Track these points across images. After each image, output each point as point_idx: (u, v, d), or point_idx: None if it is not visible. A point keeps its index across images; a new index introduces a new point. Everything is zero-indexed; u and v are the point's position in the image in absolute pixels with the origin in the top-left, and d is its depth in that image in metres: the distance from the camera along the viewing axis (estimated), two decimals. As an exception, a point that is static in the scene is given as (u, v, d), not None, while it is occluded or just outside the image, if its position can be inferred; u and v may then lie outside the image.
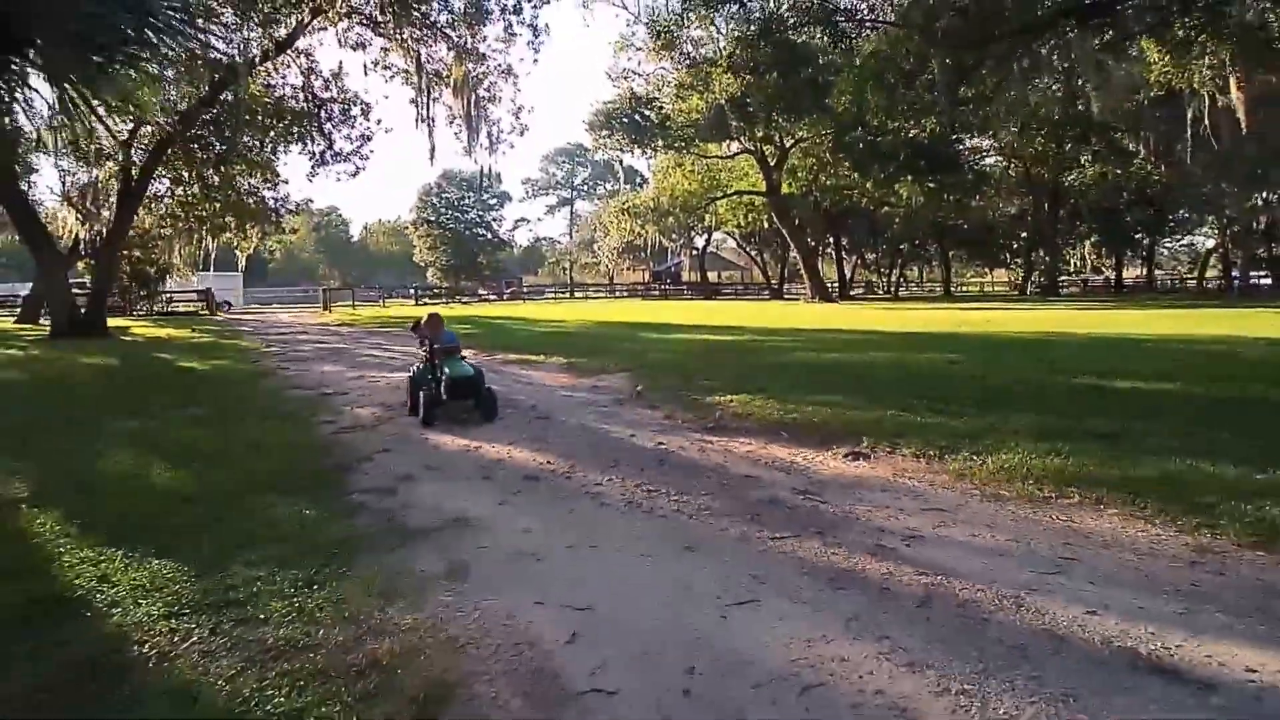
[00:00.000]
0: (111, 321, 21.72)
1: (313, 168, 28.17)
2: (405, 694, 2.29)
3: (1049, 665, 2.46)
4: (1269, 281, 44.12)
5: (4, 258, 49.53)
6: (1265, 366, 8.54)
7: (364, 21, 25.12)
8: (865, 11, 13.63)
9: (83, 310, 20.44)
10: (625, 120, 37.77)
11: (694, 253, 58.95)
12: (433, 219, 71.90)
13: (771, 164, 36.55)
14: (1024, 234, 45.58)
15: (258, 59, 22.71)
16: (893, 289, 48.53)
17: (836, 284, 44.78)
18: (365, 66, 26.60)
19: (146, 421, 7.00)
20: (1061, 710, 2.21)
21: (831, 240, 47.37)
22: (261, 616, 2.82)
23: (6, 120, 4.43)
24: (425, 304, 42.42)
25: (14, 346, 16.73)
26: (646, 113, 36.79)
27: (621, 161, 50.45)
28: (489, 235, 75.49)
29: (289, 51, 24.45)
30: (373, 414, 7.33)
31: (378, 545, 3.64)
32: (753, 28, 16.39)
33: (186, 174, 25.82)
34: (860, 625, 2.75)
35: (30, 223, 20.00)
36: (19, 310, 28.92)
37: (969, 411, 6.11)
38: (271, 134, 26.18)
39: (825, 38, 14.53)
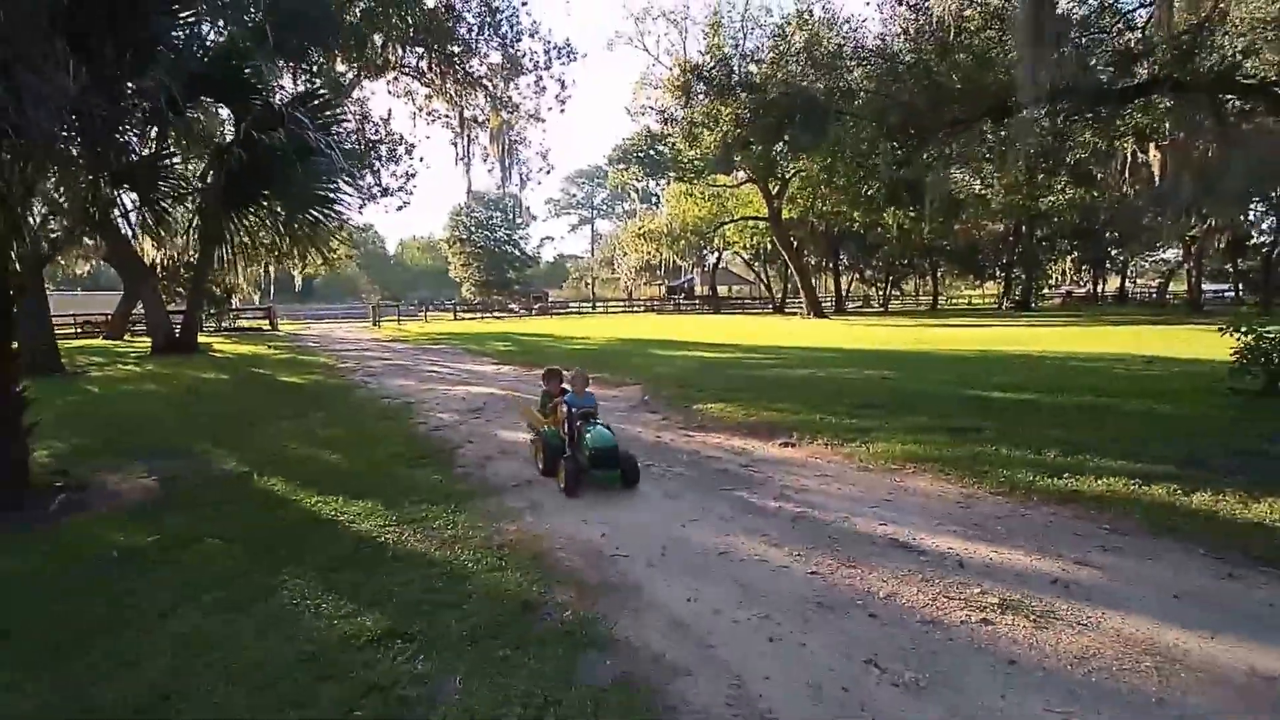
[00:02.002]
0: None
1: (363, 203, 30.57)
2: (525, 555, 4.41)
3: (847, 544, 4.55)
4: (1232, 295, 45.55)
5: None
6: (1120, 380, 10.54)
7: (412, 75, 27.49)
8: (837, 102, 15.85)
9: (176, 331, 22.93)
10: (641, 155, 40.00)
11: (705, 269, 61.14)
12: (464, 237, 74.59)
13: (773, 192, 38.68)
14: (1006, 252, 47.29)
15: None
16: (884, 304, 50.27)
17: (834, 299, 46.78)
18: (413, 115, 29.07)
19: (293, 422, 9.21)
20: (844, 558, 4.29)
21: (830, 258, 49.36)
22: (434, 527, 4.96)
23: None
24: (462, 318, 44.66)
25: (129, 362, 19.00)
26: (661, 148, 39.02)
27: (639, 191, 52.71)
28: (517, 252, 78.15)
29: (345, 101, 26.87)
30: (451, 418, 9.49)
31: (483, 494, 5.78)
32: (746, 110, 18.76)
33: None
34: (755, 529, 4.85)
35: (130, 256, 22.34)
36: (105, 328, 31.17)
37: (876, 414, 8.21)
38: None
39: (804, 123, 16.86)
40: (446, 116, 28.94)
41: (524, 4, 24.50)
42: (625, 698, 2.84)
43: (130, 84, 5.85)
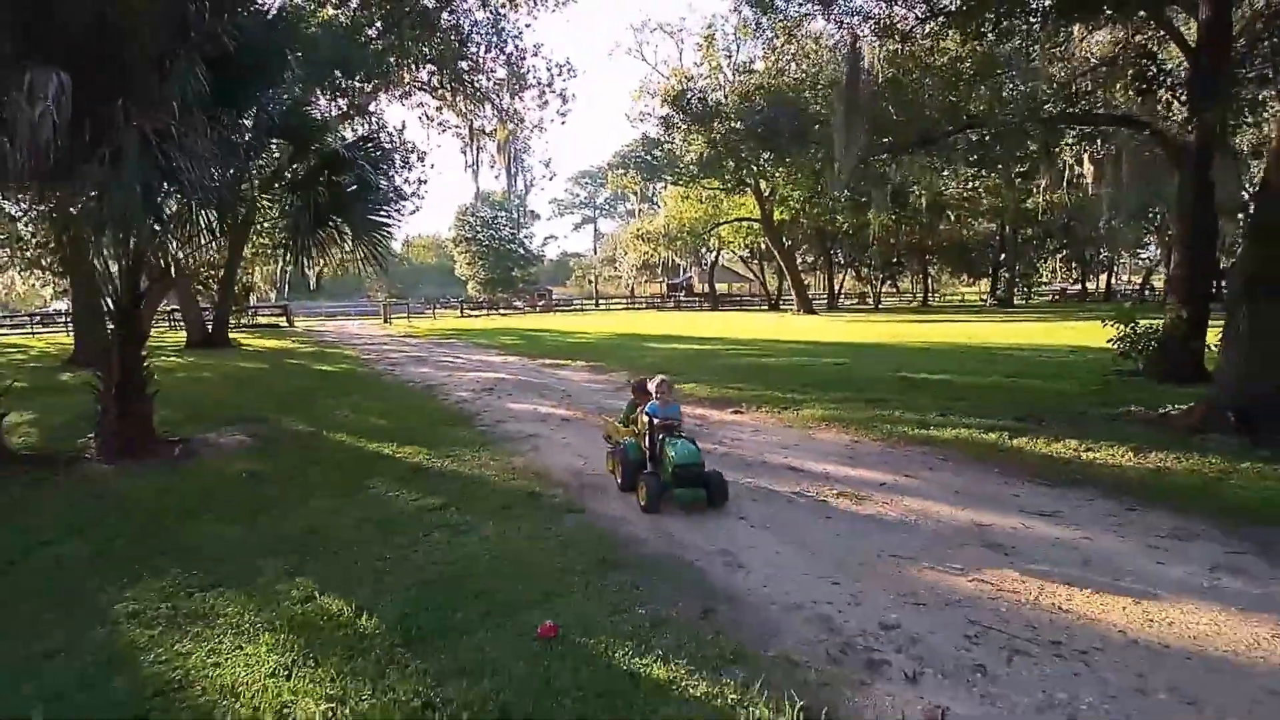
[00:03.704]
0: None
1: (379, 209, 32.63)
2: (529, 472, 6.40)
3: (760, 470, 6.52)
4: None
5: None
6: (1032, 364, 12.49)
7: (424, 89, 29.48)
8: (799, 129, 18.00)
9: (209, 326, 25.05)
10: (640, 160, 41.96)
11: (704, 267, 63.02)
12: (471, 236, 76.51)
13: (765, 194, 40.56)
14: (994, 250, 49.13)
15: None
16: (875, 301, 52.10)
17: (827, 296, 48.69)
18: (425, 126, 31.11)
19: (337, 400, 11.20)
20: (749, 475, 6.25)
21: (824, 257, 51.27)
22: (465, 459, 6.95)
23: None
24: (469, 315, 46.62)
25: (169, 354, 20.88)
26: (658, 153, 40.99)
27: (638, 193, 54.70)
28: (521, 251, 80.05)
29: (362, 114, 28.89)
30: (468, 395, 11.46)
31: (497, 441, 7.76)
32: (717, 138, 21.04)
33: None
34: (695, 461, 6.81)
35: (164, 257, 24.30)
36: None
37: (814, 391, 10.18)
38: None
39: (769, 153, 19.14)
40: (456, 127, 30.98)
41: (528, 26, 26.42)
42: (591, 533, 4.83)
43: (231, 137, 7.87)
